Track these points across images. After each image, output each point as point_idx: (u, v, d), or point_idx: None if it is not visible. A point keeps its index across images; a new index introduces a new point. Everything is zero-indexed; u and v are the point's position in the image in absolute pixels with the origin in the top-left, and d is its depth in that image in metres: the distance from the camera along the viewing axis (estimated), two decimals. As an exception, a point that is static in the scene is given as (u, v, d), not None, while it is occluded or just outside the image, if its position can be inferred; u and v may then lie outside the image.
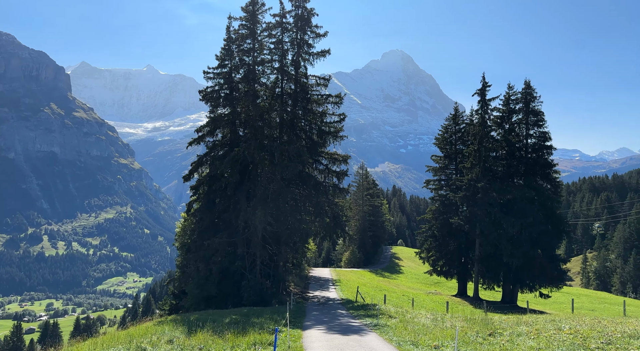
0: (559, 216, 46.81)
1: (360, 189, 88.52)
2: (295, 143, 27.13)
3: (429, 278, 70.98)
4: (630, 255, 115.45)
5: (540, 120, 47.15)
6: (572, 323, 15.87)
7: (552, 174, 47.10)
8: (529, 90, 47.56)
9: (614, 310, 56.84)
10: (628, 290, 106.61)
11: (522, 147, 47.53)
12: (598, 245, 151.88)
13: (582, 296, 73.62)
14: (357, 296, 31.83)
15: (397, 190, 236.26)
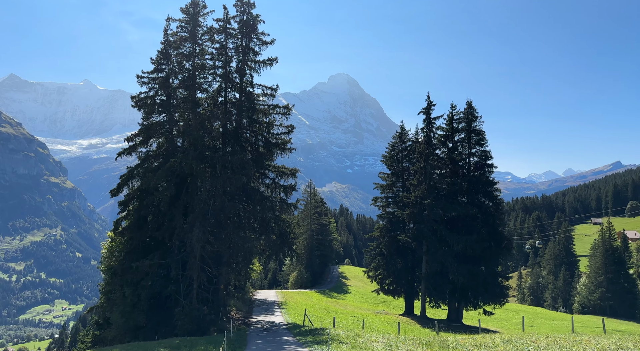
0: (500, 233, 47.76)
1: (308, 207, 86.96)
2: (240, 154, 25.09)
3: (376, 297, 70.10)
4: (560, 271, 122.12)
5: (482, 139, 48.37)
6: (533, 344, 14.88)
7: (493, 192, 48.17)
8: (471, 110, 48.80)
9: (551, 326, 58.71)
10: (559, 305, 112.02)
11: (465, 165, 48.44)
12: (531, 262, 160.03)
13: (520, 312, 75.95)
14: (305, 319, 29.79)
15: (344, 210, 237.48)
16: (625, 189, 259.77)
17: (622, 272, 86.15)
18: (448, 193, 46.41)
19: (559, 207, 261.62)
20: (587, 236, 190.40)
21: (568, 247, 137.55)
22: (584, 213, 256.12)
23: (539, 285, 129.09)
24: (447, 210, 43.84)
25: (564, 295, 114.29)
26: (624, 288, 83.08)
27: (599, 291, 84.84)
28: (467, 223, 44.26)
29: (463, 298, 46.06)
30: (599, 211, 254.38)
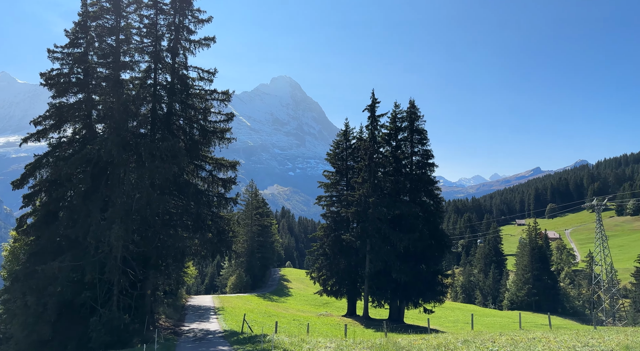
0: (441, 231, 48.17)
1: (249, 208, 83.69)
2: (170, 141, 22.15)
3: (318, 299, 68.64)
4: (490, 269, 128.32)
5: (424, 139, 48.58)
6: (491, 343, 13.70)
7: (434, 191, 48.49)
8: (414, 109, 48.87)
9: (487, 322, 60.56)
10: (489, 302, 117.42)
11: (408, 164, 48.40)
12: (464, 261, 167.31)
13: (455, 309, 78.19)
14: (244, 326, 27.27)
15: (286, 212, 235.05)
16: (545, 193, 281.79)
17: (546, 269, 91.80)
18: (392, 191, 45.97)
19: (487, 209, 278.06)
20: (512, 236, 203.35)
21: (497, 246, 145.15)
22: (509, 214, 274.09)
23: (470, 283, 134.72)
24: (391, 208, 43.29)
25: (494, 292, 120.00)
26: (547, 285, 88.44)
27: (526, 288, 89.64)
28: (410, 222, 44.03)
29: (405, 296, 45.74)
30: (522, 212, 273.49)
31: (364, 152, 46.99)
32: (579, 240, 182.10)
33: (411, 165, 47.77)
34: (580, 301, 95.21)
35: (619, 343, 11.69)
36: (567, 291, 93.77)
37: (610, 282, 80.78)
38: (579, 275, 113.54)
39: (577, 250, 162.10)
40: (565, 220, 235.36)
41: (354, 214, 45.40)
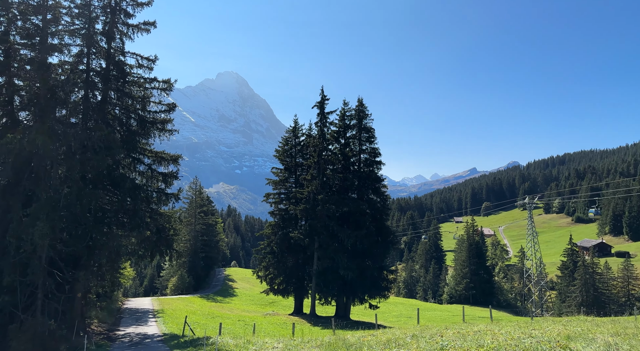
0: (387, 227, 48.99)
1: (193, 206, 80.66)
2: (104, 131, 20.35)
3: (263, 299, 67.54)
4: (430, 265, 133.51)
5: (372, 137, 49.18)
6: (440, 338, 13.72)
7: (381, 188, 49.25)
8: (362, 107, 49.31)
9: (429, 316, 62.58)
10: (429, 296, 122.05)
11: (356, 162, 48.82)
12: (406, 257, 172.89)
13: (398, 304, 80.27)
14: (185, 328, 25.87)
15: (232, 211, 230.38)
16: (480, 192, 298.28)
17: (482, 264, 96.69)
18: (340, 188, 46.09)
19: (428, 207, 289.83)
20: (450, 233, 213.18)
21: (437, 243, 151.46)
22: (448, 212, 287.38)
23: (412, 279, 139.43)
24: (339, 205, 43.38)
25: (434, 287, 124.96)
26: (483, 279, 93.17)
27: (464, 282, 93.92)
28: (357, 219, 44.38)
29: (352, 293, 46.06)
30: (460, 210, 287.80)
31: (313, 149, 46.73)
32: (511, 237, 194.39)
33: (359, 163, 48.18)
34: (513, 294, 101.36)
35: (559, 333, 12.06)
36: (501, 285, 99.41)
37: (539, 276, 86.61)
38: (512, 270, 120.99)
39: (510, 246, 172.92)
40: (499, 217, 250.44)
41: (303, 211, 45.01)
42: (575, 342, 9.69)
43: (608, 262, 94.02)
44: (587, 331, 11.78)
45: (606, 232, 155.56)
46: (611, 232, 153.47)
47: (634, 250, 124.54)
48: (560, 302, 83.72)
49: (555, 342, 9.38)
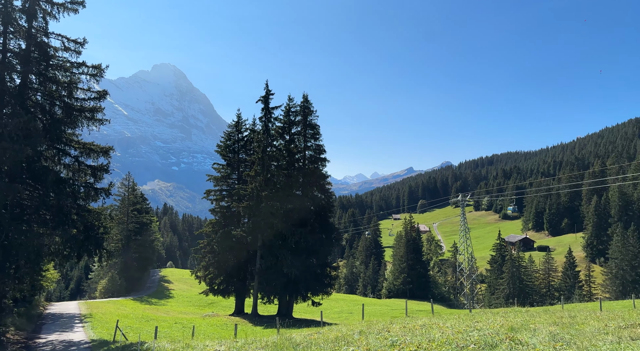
0: (331, 224, 49.13)
1: (126, 203, 76.02)
2: (23, 118, 18.10)
3: (202, 300, 65.26)
4: (370, 261, 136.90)
5: (317, 133, 49.01)
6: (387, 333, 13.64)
7: (326, 185, 49.26)
8: (307, 104, 49.00)
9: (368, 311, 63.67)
10: (368, 291, 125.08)
11: (301, 158, 48.44)
12: (347, 253, 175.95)
13: (339, 300, 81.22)
14: (117, 333, 23.99)
15: (169, 209, 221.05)
16: (417, 190, 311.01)
17: (419, 260, 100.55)
18: (285, 185, 45.43)
19: (368, 205, 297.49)
20: (389, 229, 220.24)
21: (376, 239, 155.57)
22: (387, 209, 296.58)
23: (352, 275, 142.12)
24: (283, 202, 42.73)
25: (373, 282, 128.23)
26: (420, 273, 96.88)
27: (402, 277, 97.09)
28: (302, 216, 44.01)
29: (295, 291, 45.65)
30: (398, 208, 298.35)
31: (257, 144, 45.65)
32: (445, 233, 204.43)
33: (304, 160, 47.83)
34: (446, 287, 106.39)
35: (502, 324, 12.38)
36: (436, 279, 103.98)
37: (471, 270, 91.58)
38: (445, 264, 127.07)
39: (443, 242, 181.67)
40: (434, 214, 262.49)
41: (246, 209, 43.80)
42: (520, 333, 9.90)
43: (532, 255, 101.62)
44: (528, 322, 12.22)
45: (529, 228, 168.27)
46: (534, 227, 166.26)
47: (553, 244, 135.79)
48: (490, 294, 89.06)
49: (504, 334, 9.51)
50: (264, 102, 46.58)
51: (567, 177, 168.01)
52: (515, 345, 8.17)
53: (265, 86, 47.49)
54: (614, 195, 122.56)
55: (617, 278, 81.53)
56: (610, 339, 7.91)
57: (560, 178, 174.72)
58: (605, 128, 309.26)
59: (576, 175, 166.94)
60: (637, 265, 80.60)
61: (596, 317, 12.63)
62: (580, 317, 12.93)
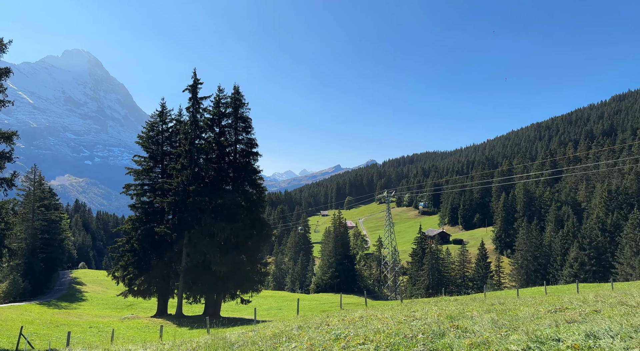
0: (263, 220, 48.17)
1: (31, 199, 68.47)
2: None
3: (120, 302, 60.87)
4: (299, 257, 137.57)
5: (249, 127, 47.76)
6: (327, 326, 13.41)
7: (257, 180, 48.19)
8: (238, 96, 47.57)
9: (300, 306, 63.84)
10: (297, 287, 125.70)
11: (232, 152, 46.91)
12: (276, 250, 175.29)
13: (268, 297, 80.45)
14: (21, 341, 21.21)
15: (81, 206, 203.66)
16: (344, 187, 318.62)
17: (346, 254, 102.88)
18: (214, 179, 43.64)
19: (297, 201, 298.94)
20: (318, 225, 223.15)
21: (305, 235, 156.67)
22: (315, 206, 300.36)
23: (281, 271, 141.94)
24: (213, 197, 40.97)
25: (301, 278, 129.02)
26: (347, 267, 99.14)
27: (330, 272, 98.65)
28: (232, 211, 42.58)
29: (224, 289, 44.15)
30: (326, 204, 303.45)
31: (184, 136, 43.33)
32: (369, 228, 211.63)
33: (235, 153, 46.34)
34: (371, 280, 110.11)
35: (439, 313, 12.67)
36: (362, 273, 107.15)
37: (394, 263, 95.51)
38: (370, 258, 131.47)
39: (369, 236, 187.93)
40: (359, 210, 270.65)
41: (171, 204, 41.41)
42: (461, 321, 10.11)
43: (449, 248, 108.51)
44: (463, 311, 12.64)
45: (445, 223, 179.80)
46: (449, 222, 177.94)
47: (466, 237, 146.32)
48: (411, 285, 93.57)
49: (448, 323, 9.62)
50: (191, 91, 44.30)
51: (478, 175, 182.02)
52: (462, 333, 8.24)
53: (193, 75, 45.23)
54: (520, 192, 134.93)
55: (522, 268, 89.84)
56: (547, 323, 8.28)
57: (472, 176, 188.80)
58: (512, 131, 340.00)
59: (487, 173, 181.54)
60: (539, 256, 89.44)
61: (524, 303, 13.46)
62: (508, 304, 13.69)
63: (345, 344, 8.95)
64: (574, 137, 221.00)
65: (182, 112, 47.01)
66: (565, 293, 26.62)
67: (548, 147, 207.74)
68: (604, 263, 77.81)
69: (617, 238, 79.94)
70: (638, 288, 20.63)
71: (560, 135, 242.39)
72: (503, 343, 6.97)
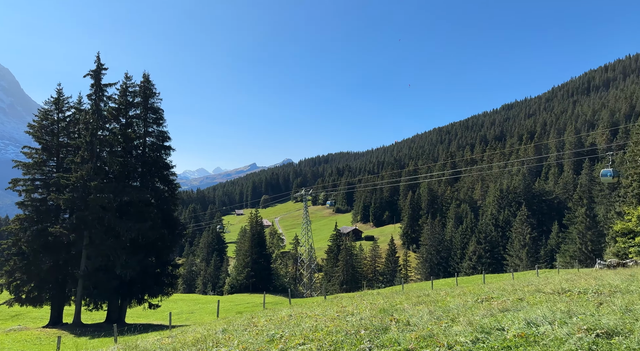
0: (175, 218, 45.45)
1: None
2: None
3: (3, 312, 53.18)
4: (212, 257, 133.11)
5: (160, 118, 44.81)
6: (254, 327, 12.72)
7: (170, 176, 45.37)
8: (149, 85, 44.47)
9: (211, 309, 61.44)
10: (209, 289, 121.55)
11: (141, 145, 43.56)
12: (187, 251, 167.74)
13: (178, 301, 76.34)
14: None
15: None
16: (260, 185, 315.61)
17: (263, 253, 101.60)
18: (120, 175, 39.99)
19: (210, 200, 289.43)
20: (232, 225, 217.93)
21: (219, 235, 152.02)
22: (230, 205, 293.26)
23: (192, 273, 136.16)
24: (118, 194, 37.44)
25: (214, 280, 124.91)
26: (263, 267, 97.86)
27: (246, 271, 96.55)
28: (141, 209, 39.40)
29: (130, 293, 40.73)
30: (241, 203, 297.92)
31: (85, 126, 39.05)
32: (286, 226, 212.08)
33: (144, 147, 43.00)
34: (287, 278, 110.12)
35: (371, 307, 12.59)
36: (278, 271, 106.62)
37: (310, 260, 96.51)
38: (286, 256, 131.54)
39: (285, 235, 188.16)
40: (276, 209, 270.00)
41: (69, 201, 36.95)
42: (396, 314, 10.04)
43: (361, 244, 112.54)
44: (393, 304, 12.72)
45: (358, 220, 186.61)
46: (362, 219, 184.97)
47: (377, 234, 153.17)
48: (326, 282, 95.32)
49: (388, 317, 9.48)
50: (94, 77, 40.06)
51: (388, 175, 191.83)
52: (404, 326, 8.09)
53: (97, 59, 40.97)
54: (424, 191, 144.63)
55: (427, 261, 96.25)
56: (482, 313, 8.46)
57: (383, 176, 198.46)
58: (417, 135, 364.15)
59: (395, 173, 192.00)
60: (441, 250, 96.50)
61: (448, 294, 13.97)
62: (433, 295, 14.13)
63: (283, 346, 8.32)
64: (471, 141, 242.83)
65: (82, 100, 42.41)
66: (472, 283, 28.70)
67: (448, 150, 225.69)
68: (497, 256, 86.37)
69: (507, 233, 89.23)
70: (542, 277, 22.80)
71: (459, 139, 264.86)
72: (449, 335, 6.89)
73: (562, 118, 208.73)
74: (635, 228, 32.73)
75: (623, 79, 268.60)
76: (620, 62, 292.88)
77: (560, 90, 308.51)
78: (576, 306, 7.84)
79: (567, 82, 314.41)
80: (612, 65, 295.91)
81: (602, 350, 4.98)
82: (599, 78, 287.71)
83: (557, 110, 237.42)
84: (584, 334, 5.54)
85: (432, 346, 6.39)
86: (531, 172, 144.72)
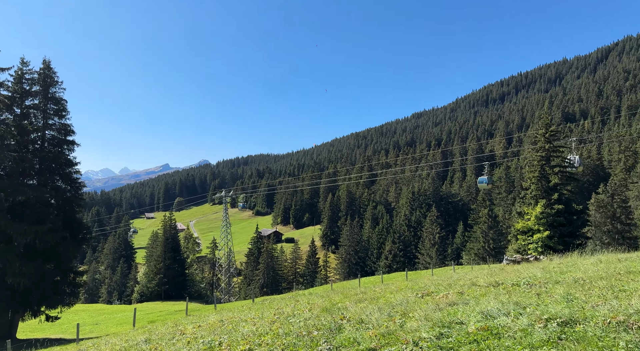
0: (79, 221, 41.00)
1: None
2: None
3: None
4: (119, 265, 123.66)
5: (63, 110, 40.23)
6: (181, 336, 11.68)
7: (73, 174, 40.90)
8: (49, 72, 39.79)
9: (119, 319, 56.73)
10: (115, 298, 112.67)
11: (39, 139, 38.71)
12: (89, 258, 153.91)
13: (79, 312, 69.42)
14: None
15: None
16: (174, 187, 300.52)
17: (177, 258, 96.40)
18: (14, 171, 35.06)
19: (117, 203, 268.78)
20: (142, 229, 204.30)
21: (127, 240, 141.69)
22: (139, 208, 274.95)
23: (95, 282, 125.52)
24: (12, 193, 32.84)
25: (121, 288, 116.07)
26: (177, 272, 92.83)
27: (158, 278, 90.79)
28: (39, 210, 34.93)
29: (24, 305, 35.85)
30: (152, 206, 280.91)
31: (-31, 115, 33.70)
32: (202, 230, 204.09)
33: (43, 141, 38.23)
34: (204, 284, 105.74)
35: (311, 308, 12.15)
36: (194, 277, 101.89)
37: (229, 264, 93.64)
38: (202, 261, 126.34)
39: (201, 239, 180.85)
40: (191, 212, 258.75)
41: (-56, 201, 31.53)
42: (345, 313, 9.71)
43: (282, 246, 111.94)
44: (334, 303, 12.40)
45: (278, 222, 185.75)
46: (282, 222, 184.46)
47: (297, 236, 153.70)
48: (246, 286, 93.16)
49: (339, 316, 9.07)
50: (-17, 59, 34.84)
51: (308, 177, 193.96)
52: (358, 325, 7.76)
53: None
54: (343, 193, 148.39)
55: (346, 261, 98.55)
56: (431, 307, 8.43)
57: (303, 178, 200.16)
58: (335, 139, 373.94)
59: (315, 175, 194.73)
60: (359, 250, 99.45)
61: (387, 291, 14.01)
62: (370, 293, 14.09)
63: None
64: (385, 146, 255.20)
65: (-34, 83, 36.62)
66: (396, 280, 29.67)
67: (365, 154, 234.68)
68: (409, 255, 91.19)
69: (419, 233, 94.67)
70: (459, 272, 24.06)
71: (375, 144, 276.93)
72: (409, 331, 6.67)
73: (465, 127, 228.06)
74: (534, 226, 36.44)
75: (515, 93, 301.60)
76: (513, 78, 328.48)
77: (463, 101, 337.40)
78: (519, 298, 8.13)
79: (469, 94, 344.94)
80: (506, 80, 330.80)
81: (572, 338, 5.06)
82: (495, 92, 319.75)
83: (460, 120, 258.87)
84: (545, 324, 5.63)
85: (396, 343, 6.11)
86: (439, 175, 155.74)
